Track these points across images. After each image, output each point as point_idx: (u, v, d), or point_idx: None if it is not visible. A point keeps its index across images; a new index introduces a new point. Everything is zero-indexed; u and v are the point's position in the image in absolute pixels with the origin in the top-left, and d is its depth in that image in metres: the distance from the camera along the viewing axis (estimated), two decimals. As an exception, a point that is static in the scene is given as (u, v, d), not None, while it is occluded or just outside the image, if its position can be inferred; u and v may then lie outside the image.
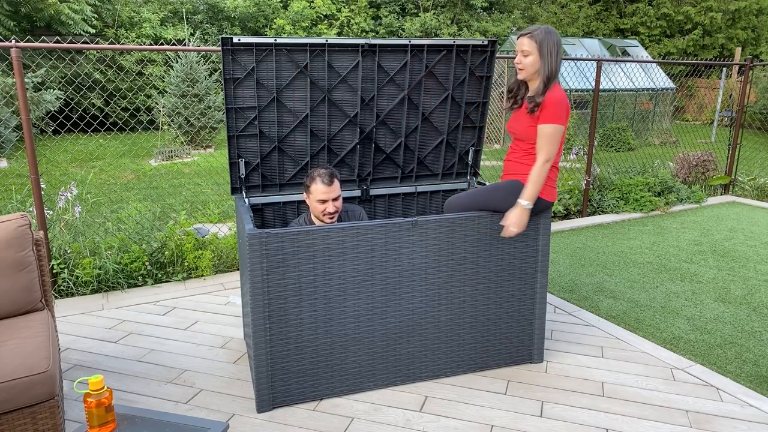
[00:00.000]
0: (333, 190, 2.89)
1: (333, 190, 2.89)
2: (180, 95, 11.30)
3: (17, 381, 2.08)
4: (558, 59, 2.64)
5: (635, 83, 13.00)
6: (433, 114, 3.42)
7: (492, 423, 2.62)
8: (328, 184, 2.88)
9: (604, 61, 5.91)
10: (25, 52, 11.65)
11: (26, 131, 3.72)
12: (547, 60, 2.63)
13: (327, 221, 2.94)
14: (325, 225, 2.59)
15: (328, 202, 2.90)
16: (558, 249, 5.14)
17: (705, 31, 19.64)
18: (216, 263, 4.45)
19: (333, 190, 2.89)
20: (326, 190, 2.88)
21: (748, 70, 7.15)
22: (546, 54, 2.63)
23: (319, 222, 3.00)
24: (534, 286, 3.01)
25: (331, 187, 2.88)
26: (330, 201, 2.90)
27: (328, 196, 2.89)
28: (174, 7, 15.31)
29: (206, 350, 3.26)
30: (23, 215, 2.62)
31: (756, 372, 3.10)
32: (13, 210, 4.67)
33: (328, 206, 2.90)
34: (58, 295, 3.98)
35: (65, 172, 8.81)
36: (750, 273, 4.57)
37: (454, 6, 19.09)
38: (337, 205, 2.93)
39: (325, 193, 2.88)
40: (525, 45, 2.66)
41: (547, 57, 2.63)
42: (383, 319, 2.77)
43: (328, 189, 2.88)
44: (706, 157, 7.54)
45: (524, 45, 2.66)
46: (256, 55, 2.93)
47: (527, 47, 2.65)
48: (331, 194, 2.89)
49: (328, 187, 2.88)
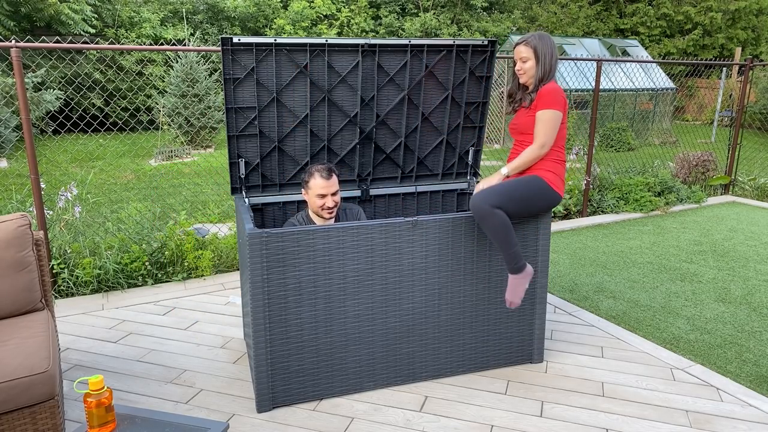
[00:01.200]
0: (332, 185, 2.93)
1: (332, 185, 2.93)
2: (180, 95, 11.30)
3: (17, 381, 2.08)
4: (552, 61, 2.78)
5: (635, 83, 13.00)
6: (433, 114, 3.42)
7: (492, 423, 2.62)
8: (326, 179, 2.91)
9: (604, 61, 5.91)
10: (25, 52, 11.65)
11: (26, 131, 3.72)
12: (542, 62, 2.78)
13: (326, 216, 2.97)
14: (324, 225, 2.59)
15: (327, 196, 2.93)
16: (558, 249, 5.14)
17: (705, 31, 19.64)
18: (216, 263, 4.46)
19: (332, 184, 2.93)
20: (325, 185, 2.91)
21: (748, 70, 7.15)
22: (541, 57, 2.78)
23: (318, 218, 3.02)
24: (534, 286, 3.01)
25: (329, 182, 2.92)
26: (329, 195, 2.93)
27: (327, 190, 2.92)
28: (174, 7, 15.31)
29: (206, 350, 3.26)
30: (23, 215, 2.62)
31: (756, 372, 3.10)
32: (13, 210, 4.67)
33: (327, 201, 2.93)
34: (58, 295, 3.98)
35: (65, 172, 8.81)
36: (750, 273, 4.57)
37: (454, 6, 19.09)
38: (335, 199, 2.96)
39: (324, 187, 2.91)
40: (523, 52, 2.81)
41: (542, 60, 2.78)
42: (383, 319, 2.77)
43: (327, 183, 2.91)
44: (706, 157, 7.54)
45: (522, 52, 2.81)
46: (256, 55, 2.93)
47: (525, 54, 2.80)
48: (330, 189, 2.92)
49: (327, 181, 2.91)
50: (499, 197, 2.67)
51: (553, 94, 2.73)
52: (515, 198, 2.70)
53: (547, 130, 2.73)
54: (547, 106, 2.73)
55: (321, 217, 3.00)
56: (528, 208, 2.76)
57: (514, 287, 2.80)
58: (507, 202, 2.68)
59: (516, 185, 2.72)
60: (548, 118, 2.73)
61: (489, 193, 2.68)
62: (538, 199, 2.75)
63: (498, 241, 2.70)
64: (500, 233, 2.68)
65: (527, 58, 2.79)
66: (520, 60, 2.82)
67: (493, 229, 2.67)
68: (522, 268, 2.77)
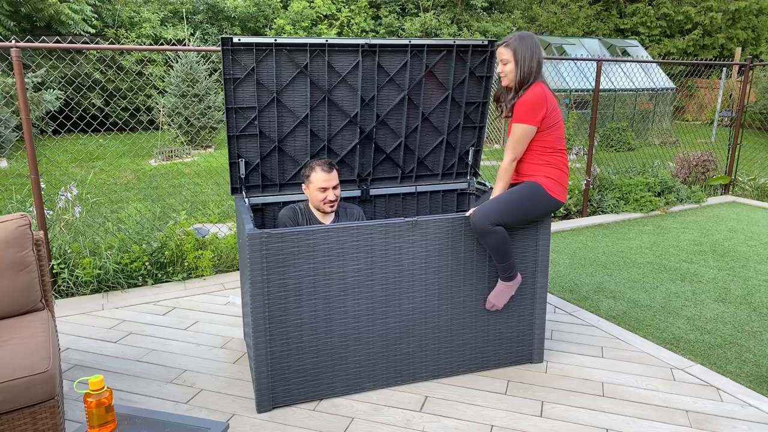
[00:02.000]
0: (332, 178, 2.97)
1: (332, 178, 2.97)
2: (180, 95, 11.30)
3: (17, 381, 2.08)
4: (533, 62, 2.70)
5: (635, 83, 12.99)
6: (433, 114, 3.41)
7: (492, 423, 2.62)
8: (327, 172, 2.96)
9: (604, 61, 5.91)
10: (25, 52, 11.64)
11: (26, 131, 3.72)
12: (521, 65, 2.71)
13: (327, 210, 3.00)
14: (324, 225, 2.59)
15: (329, 190, 2.97)
16: (558, 249, 5.14)
17: (705, 31, 19.64)
18: (216, 263, 4.46)
19: (332, 178, 2.97)
20: (326, 178, 2.95)
21: (748, 70, 7.15)
22: (520, 60, 2.71)
23: (318, 212, 3.06)
24: (534, 286, 3.01)
25: (330, 175, 2.96)
26: (330, 189, 2.97)
27: (328, 183, 2.96)
28: (174, 7, 15.31)
29: (206, 350, 3.26)
30: (23, 215, 2.62)
31: (756, 372, 3.10)
32: (13, 210, 4.67)
33: (328, 194, 2.97)
34: (58, 295, 3.98)
35: (65, 172, 8.81)
36: (750, 273, 4.57)
37: (454, 6, 19.09)
38: (336, 193, 3.00)
39: (326, 180, 2.95)
40: (503, 54, 2.76)
41: (521, 62, 2.71)
42: (383, 319, 2.77)
43: (328, 176, 2.96)
44: (706, 157, 7.54)
45: (502, 54, 2.77)
46: (256, 55, 2.93)
47: (505, 56, 2.75)
48: (331, 182, 2.96)
49: (328, 174, 2.96)
50: (499, 215, 2.68)
51: (526, 106, 2.67)
52: (514, 211, 2.72)
53: (516, 144, 2.72)
54: (518, 119, 2.70)
55: (322, 211, 3.02)
56: (529, 217, 2.77)
57: (501, 293, 2.84)
58: (506, 217, 2.70)
59: (515, 198, 2.72)
60: (518, 133, 2.71)
61: (489, 210, 2.68)
62: (537, 207, 2.76)
63: (496, 254, 2.74)
64: (499, 248, 2.71)
65: (507, 61, 2.73)
66: (501, 62, 2.77)
67: (492, 245, 2.71)
68: (514, 276, 2.81)
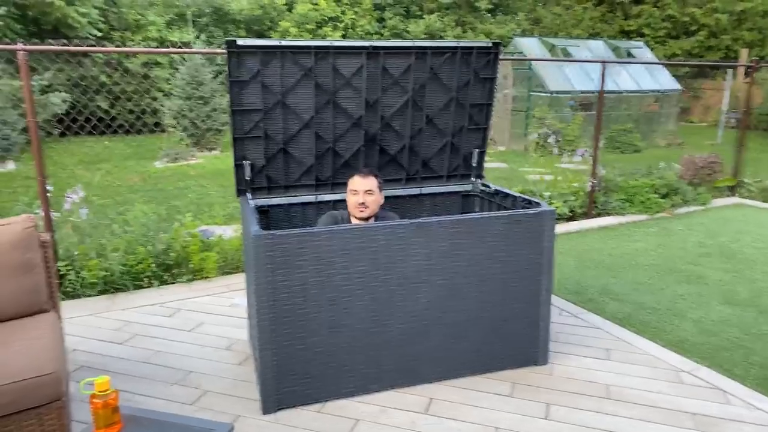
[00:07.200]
0: (365, 183, 3.00)
1: (365, 183, 3.00)
2: (185, 97, 11.34)
3: (24, 382, 2.09)
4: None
5: (640, 85, 12.95)
6: (438, 116, 3.41)
7: (497, 425, 2.61)
8: (362, 176, 3.01)
9: (609, 62, 5.89)
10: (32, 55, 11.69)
11: (33, 134, 3.74)
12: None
13: (357, 214, 3.02)
14: (329, 227, 2.60)
15: (359, 193, 2.99)
16: (563, 251, 5.13)
17: (710, 32, 19.55)
18: (221, 265, 4.46)
19: (366, 183, 3.00)
20: (359, 182, 3.00)
21: (754, 72, 7.12)
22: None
23: (354, 219, 3.08)
24: (539, 288, 3.00)
25: (365, 180, 3.01)
26: (361, 193, 2.99)
27: (359, 187, 2.99)
28: (179, 10, 15.37)
29: (212, 352, 3.27)
30: (30, 217, 2.64)
31: (763, 375, 3.08)
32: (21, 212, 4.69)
33: (358, 197, 2.99)
34: (65, 297, 4.00)
35: (72, 174, 8.85)
36: (757, 275, 4.55)
37: (459, 8, 19.09)
38: (367, 198, 3.00)
39: (358, 184, 3.00)
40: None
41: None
42: (388, 321, 2.76)
43: (361, 181, 3.00)
44: (712, 158, 7.50)
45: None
46: (261, 58, 2.94)
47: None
48: (363, 186, 3.00)
49: (362, 179, 3.01)
50: None
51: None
52: None
53: None
54: None
55: (355, 217, 3.05)
56: None
57: None
58: None
59: None
60: None
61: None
62: None
63: None
64: None
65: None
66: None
67: None
68: None
